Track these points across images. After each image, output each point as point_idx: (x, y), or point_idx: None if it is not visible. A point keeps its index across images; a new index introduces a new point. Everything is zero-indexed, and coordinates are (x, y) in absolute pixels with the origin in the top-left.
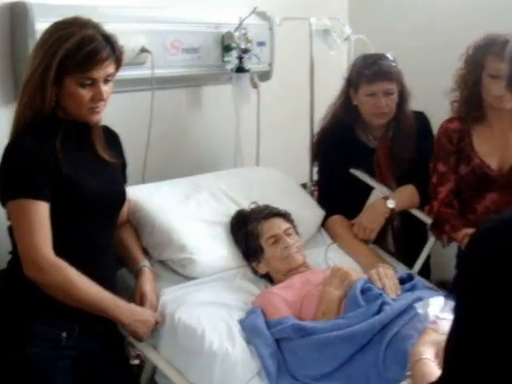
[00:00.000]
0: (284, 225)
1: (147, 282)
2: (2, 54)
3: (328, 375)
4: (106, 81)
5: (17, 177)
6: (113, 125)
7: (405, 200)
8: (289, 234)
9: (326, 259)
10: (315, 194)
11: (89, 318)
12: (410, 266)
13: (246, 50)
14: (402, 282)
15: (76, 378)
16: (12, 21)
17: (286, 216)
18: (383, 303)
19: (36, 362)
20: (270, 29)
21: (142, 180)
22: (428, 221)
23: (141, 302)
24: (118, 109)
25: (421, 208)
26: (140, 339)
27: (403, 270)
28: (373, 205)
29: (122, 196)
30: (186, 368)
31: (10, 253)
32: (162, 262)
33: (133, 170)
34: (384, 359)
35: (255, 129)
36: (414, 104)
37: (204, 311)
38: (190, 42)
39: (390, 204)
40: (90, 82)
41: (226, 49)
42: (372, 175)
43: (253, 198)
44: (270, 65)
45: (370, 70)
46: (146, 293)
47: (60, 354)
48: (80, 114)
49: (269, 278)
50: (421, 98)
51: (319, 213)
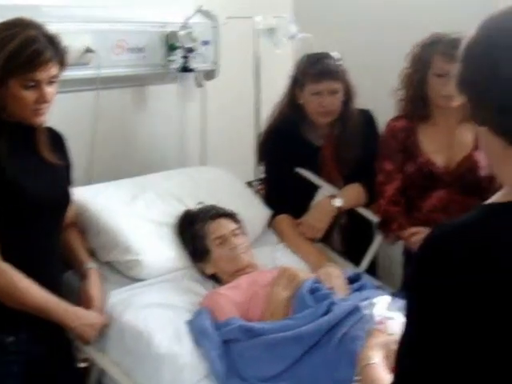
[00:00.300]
0: (231, 225)
1: (93, 284)
2: None
3: (277, 376)
4: (50, 82)
5: None
6: (58, 125)
7: (351, 198)
8: (236, 235)
9: (273, 259)
10: (262, 192)
11: (36, 322)
12: (357, 264)
13: (191, 49)
14: (349, 281)
15: (24, 383)
16: None
17: (233, 216)
18: (331, 303)
19: None
20: (215, 28)
21: (89, 181)
22: (375, 219)
23: (87, 304)
24: (63, 109)
25: (368, 206)
26: (87, 343)
27: (350, 269)
28: (319, 204)
29: (66, 198)
30: (133, 371)
31: None
32: (109, 264)
33: (79, 171)
34: (334, 360)
35: (201, 128)
36: (361, 102)
37: (151, 313)
38: (135, 41)
39: (337, 203)
40: (33, 83)
41: (171, 48)
42: (319, 174)
43: (200, 198)
44: (215, 64)
45: (315, 69)
46: (92, 295)
47: (7, 359)
48: (24, 116)
49: (216, 279)
50: (367, 97)
51: (266, 212)
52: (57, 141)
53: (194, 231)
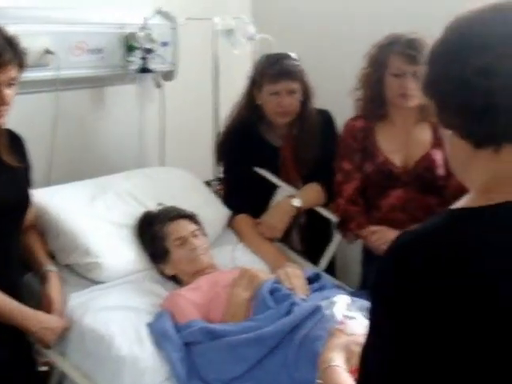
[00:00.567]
0: (191, 226)
1: (53, 287)
2: None
3: (238, 378)
4: (10, 84)
5: None
6: (17, 127)
7: (310, 198)
8: (195, 236)
9: (232, 259)
10: (220, 192)
11: None
12: (316, 263)
13: (150, 50)
14: (309, 281)
15: None
16: None
17: (192, 217)
18: (292, 304)
19: None
20: (174, 29)
21: (48, 183)
22: (333, 219)
23: (48, 308)
24: (22, 111)
25: (326, 206)
26: (47, 346)
27: (310, 269)
28: (278, 203)
29: (26, 200)
30: (94, 374)
31: None
32: (69, 267)
33: (38, 172)
34: (295, 360)
35: (159, 128)
36: (319, 103)
37: (112, 316)
38: (95, 42)
39: (296, 202)
40: None
41: (130, 49)
42: (278, 174)
43: (159, 198)
44: (173, 65)
45: (273, 70)
46: (52, 298)
47: None
48: None
49: (176, 280)
50: (325, 97)
51: (225, 212)
52: (16, 143)
53: (154, 232)
